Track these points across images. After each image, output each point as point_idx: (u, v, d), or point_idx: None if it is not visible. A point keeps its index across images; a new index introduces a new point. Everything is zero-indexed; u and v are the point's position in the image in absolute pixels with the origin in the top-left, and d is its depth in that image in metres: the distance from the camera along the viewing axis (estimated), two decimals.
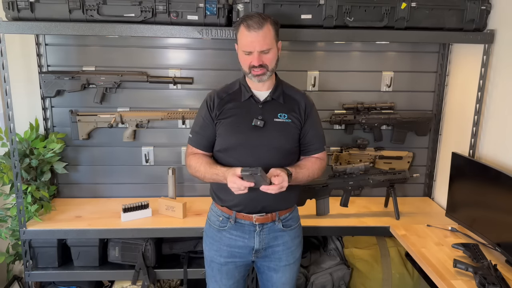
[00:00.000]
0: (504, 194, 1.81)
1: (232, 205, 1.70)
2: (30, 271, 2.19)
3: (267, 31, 1.57)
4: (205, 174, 1.67)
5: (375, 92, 2.50)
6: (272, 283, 1.80)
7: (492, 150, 2.10)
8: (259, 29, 1.56)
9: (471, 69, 2.23)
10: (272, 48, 1.60)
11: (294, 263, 1.78)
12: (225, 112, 1.67)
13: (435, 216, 2.32)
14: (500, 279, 1.59)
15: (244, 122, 1.64)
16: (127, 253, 2.25)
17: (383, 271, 2.29)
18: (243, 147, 1.64)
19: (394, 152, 2.53)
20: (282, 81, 1.75)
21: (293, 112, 1.68)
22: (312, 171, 1.70)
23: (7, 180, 2.13)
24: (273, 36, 1.61)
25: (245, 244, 1.70)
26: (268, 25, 1.58)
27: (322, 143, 1.75)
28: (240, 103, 1.68)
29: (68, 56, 2.34)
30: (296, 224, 1.78)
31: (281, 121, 1.66)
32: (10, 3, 1.88)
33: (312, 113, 1.72)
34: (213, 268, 1.78)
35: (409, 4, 2.00)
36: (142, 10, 1.93)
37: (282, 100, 1.69)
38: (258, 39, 1.56)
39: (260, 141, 1.63)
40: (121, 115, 2.37)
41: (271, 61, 1.61)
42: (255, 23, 1.56)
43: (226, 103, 1.68)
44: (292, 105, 1.69)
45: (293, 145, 1.69)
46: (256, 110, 1.66)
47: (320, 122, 1.78)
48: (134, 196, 2.48)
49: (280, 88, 1.71)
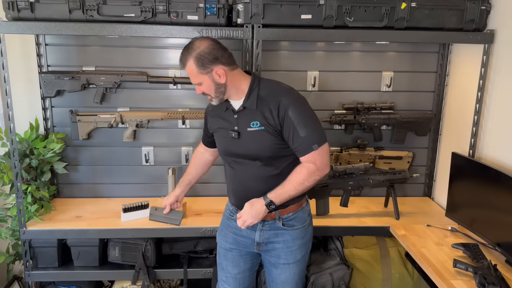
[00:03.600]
0: (504, 194, 1.81)
1: (232, 201, 1.81)
2: (30, 271, 2.19)
3: (188, 68, 1.61)
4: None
5: (375, 92, 2.50)
6: (272, 278, 1.83)
7: (492, 150, 2.10)
8: (184, 67, 1.62)
9: (471, 69, 2.23)
10: (201, 81, 1.61)
11: (295, 263, 1.77)
12: (212, 126, 1.80)
13: (435, 216, 2.32)
14: (500, 279, 1.59)
15: (226, 134, 1.70)
16: (127, 253, 2.25)
17: (383, 271, 2.29)
18: (228, 155, 1.75)
19: (394, 152, 2.53)
20: (261, 83, 1.67)
21: (266, 118, 1.61)
22: (298, 182, 1.62)
23: (7, 180, 2.13)
24: (196, 72, 1.59)
25: (248, 235, 1.75)
26: (190, 62, 1.58)
27: (308, 144, 1.60)
28: (222, 114, 1.73)
29: (68, 56, 2.34)
30: (300, 225, 1.75)
31: (254, 129, 1.63)
32: (10, 3, 1.88)
33: (288, 114, 1.58)
34: (220, 254, 1.86)
35: (409, 4, 2.01)
36: (142, 10, 1.93)
37: (255, 107, 1.63)
38: (187, 74, 1.64)
39: (240, 151, 1.68)
40: (121, 115, 2.37)
41: (207, 91, 1.64)
42: (180, 60, 1.62)
43: (212, 117, 1.79)
44: (265, 111, 1.61)
45: (274, 151, 1.64)
46: (232, 120, 1.68)
47: (308, 119, 1.61)
48: (134, 196, 2.47)
49: (255, 94, 1.63)
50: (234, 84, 1.63)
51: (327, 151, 1.65)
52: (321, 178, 1.67)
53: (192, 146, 2.50)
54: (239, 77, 1.65)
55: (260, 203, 1.63)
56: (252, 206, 1.63)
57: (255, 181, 1.68)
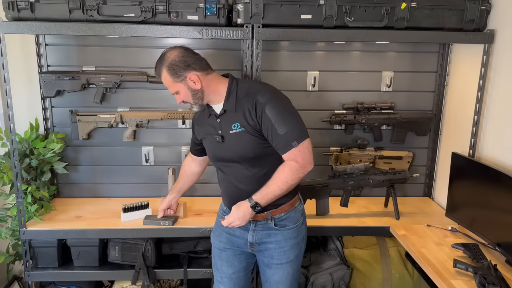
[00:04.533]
0: (504, 194, 1.81)
1: (225, 203, 1.82)
2: (30, 271, 2.19)
3: (163, 79, 1.66)
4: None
5: (375, 92, 2.50)
6: (266, 278, 1.83)
7: (492, 150, 2.10)
8: (159, 78, 1.67)
9: (471, 69, 2.23)
10: (178, 90, 1.65)
11: (288, 263, 1.76)
12: (199, 134, 1.83)
13: (435, 216, 2.32)
14: (500, 279, 1.59)
15: (212, 139, 1.72)
16: (127, 253, 2.25)
17: (383, 271, 2.29)
18: (217, 160, 1.78)
19: (394, 152, 2.53)
20: (239, 84, 1.67)
21: (245, 119, 1.62)
22: (282, 181, 1.61)
23: (7, 180, 2.13)
24: (171, 82, 1.64)
25: (241, 235, 1.76)
26: (164, 73, 1.63)
27: (287, 141, 1.58)
28: (206, 120, 1.76)
29: (68, 56, 2.34)
30: (292, 225, 1.75)
31: (235, 131, 1.64)
32: (10, 3, 1.88)
33: (265, 112, 1.58)
34: (214, 255, 1.86)
35: (409, 4, 2.00)
36: (142, 10, 1.93)
37: (234, 109, 1.64)
38: (165, 85, 1.69)
39: (226, 154, 1.70)
40: (121, 115, 2.37)
41: (185, 98, 1.68)
42: (155, 72, 1.68)
43: (198, 124, 1.83)
44: (244, 111, 1.62)
45: (259, 151, 1.64)
46: (216, 125, 1.70)
47: (286, 117, 1.59)
48: (134, 196, 2.47)
49: (233, 96, 1.65)
50: (211, 88, 1.66)
51: (308, 146, 1.61)
52: (305, 175, 1.64)
53: None
54: (215, 81, 1.67)
55: (245, 205, 1.64)
56: (239, 208, 1.65)
57: (244, 183, 1.69)
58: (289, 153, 1.60)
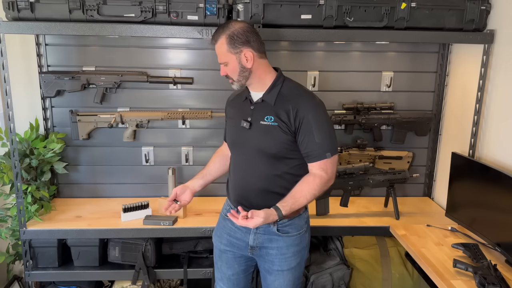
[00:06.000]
0: (504, 194, 1.81)
1: (229, 196, 1.80)
2: (30, 271, 2.19)
3: (219, 45, 1.62)
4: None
5: (375, 92, 2.50)
6: (266, 284, 1.80)
7: (492, 150, 2.10)
8: (215, 43, 1.64)
9: (471, 69, 2.23)
10: (227, 61, 1.62)
11: (289, 271, 1.72)
12: (228, 114, 1.82)
13: (435, 216, 2.32)
14: (500, 279, 1.59)
15: (237, 123, 1.70)
16: (127, 253, 2.25)
17: (383, 271, 2.29)
18: (235, 146, 1.76)
19: (394, 152, 2.54)
20: (285, 82, 1.67)
21: (281, 116, 1.60)
22: (311, 193, 1.61)
23: (7, 180, 2.13)
24: (225, 50, 1.60)
25: (242, 237, 1.73)
26: (222, 39, 1.60)
27: (322, 150, 1.60)
28: (240, 104, 1.74)
29: (68, 56, 2.34)
30: (295, 232, 1.71)
31: (266, 124, 1.62)
32: (10, 3, 1.88)
33: (308, 118, 1.58)
34: (215, 254, 1.86)
35: (409, 4, 2.00)
36: (142, 10, 1.93)
37: (273, 103, 1.63)
38: (216, 52, 1.65)
39: (247, 142, 1.68)
40: (121, 115, 2.37)
41: (231, 72, 1.64)
42: (213, 36, 1.64)
43: (230, 105, 1.82)
44: (283, 108, 1.61)
45: (280, 150, 1.62)
46: (247, 111, 1.68)
47: (327, 127, 1.62)
48: (134, 196, 2.48)
49: (276, 90, 1.64)
50: (258, 73, 1.64)
51: (337, 161, 1.67)
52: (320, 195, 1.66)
53: (192, 146, 2.50)
54: (265, 68, 1.66)
55: (273, 217, 1.57)
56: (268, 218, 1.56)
57: (255, 178, 1.67)
58: (321, 163, 1.61)
